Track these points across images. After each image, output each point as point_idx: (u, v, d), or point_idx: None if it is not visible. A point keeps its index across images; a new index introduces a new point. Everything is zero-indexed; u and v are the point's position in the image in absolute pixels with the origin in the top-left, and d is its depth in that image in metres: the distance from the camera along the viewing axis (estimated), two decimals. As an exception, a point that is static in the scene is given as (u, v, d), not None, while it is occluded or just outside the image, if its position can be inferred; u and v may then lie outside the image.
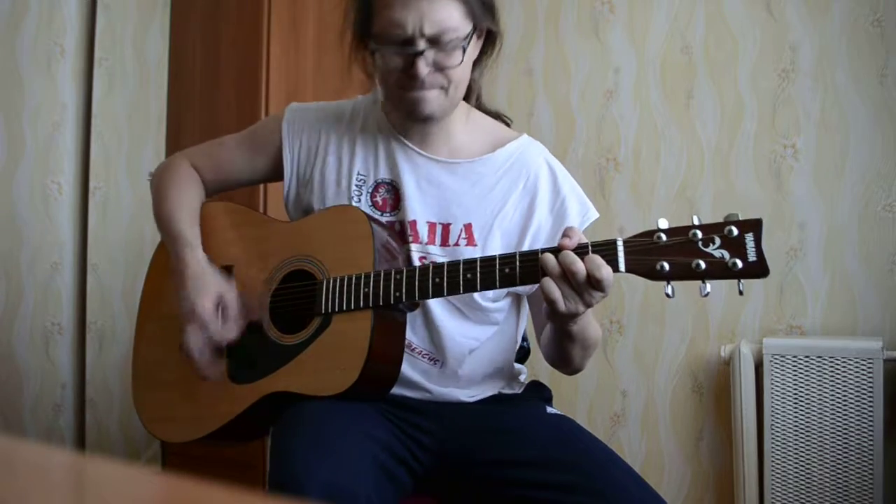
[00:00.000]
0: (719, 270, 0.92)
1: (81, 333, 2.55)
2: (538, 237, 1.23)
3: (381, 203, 1.24)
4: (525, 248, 1.22)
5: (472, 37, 1.15)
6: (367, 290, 1.11)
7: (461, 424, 1.19)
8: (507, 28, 2.46)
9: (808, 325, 2.04)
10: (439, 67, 1.14)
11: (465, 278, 1.06)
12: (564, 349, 1.15)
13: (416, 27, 1.10)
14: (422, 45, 1.11)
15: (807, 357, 1.90)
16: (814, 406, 1.89)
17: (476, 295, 1.20)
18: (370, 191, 1.25)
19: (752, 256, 0.91)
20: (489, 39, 1.23)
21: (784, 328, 2.07)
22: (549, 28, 2.43)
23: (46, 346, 2.47)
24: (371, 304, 1.11)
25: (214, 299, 1.19)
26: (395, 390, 1.18)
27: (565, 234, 1.01)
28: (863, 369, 1.84)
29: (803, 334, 2.04)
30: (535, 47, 2.44)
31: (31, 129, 2.44)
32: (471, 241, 1.21)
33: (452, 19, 1.11)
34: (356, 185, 1.25)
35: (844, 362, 1.86)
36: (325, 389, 1.11)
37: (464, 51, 1.14)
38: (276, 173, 1.35)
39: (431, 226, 1.22)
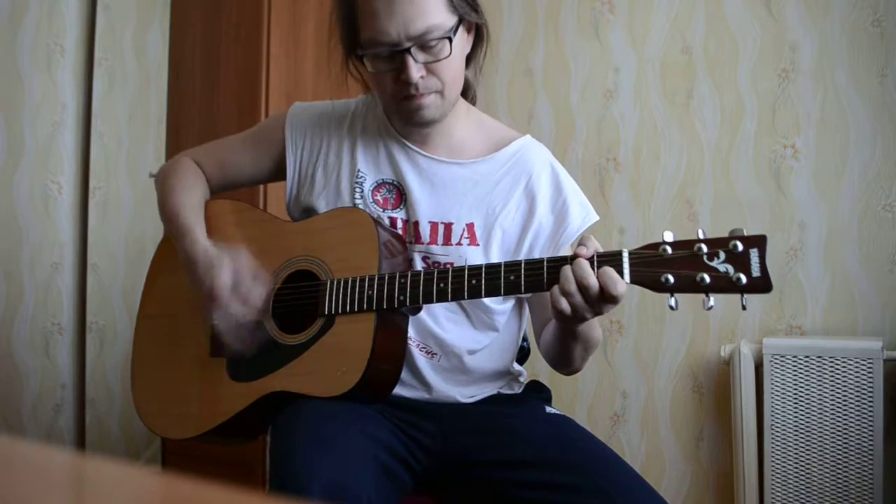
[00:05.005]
0: (723, 285, 0.93)
1: (81, 333, 2.55)
2: (539, 236, 1.23)
3: (382, 201, 1.24)
4: (526, 247, 1.22)
5: (457, 29, 1.14)
6: (370, 292, 1.11)
7: (460, 425, 1.19)
8: (507, 28, 2.47)
9: (808, 325, 2.04)
10: (430, 69, 1.14)
11: (469, 284, 1.06)
12: (567, 348, 1.16)
13: (399, 31, 1.11)
14: (408, 45, 1.11)
15: (807, 357, 1.90)
16: (814, 406, 1.89)
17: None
18: (371, 189, 1.25)
19: (756, 272, 0.92)
20: (478, 35, 1.23)
21: (784, 328, 2.07)
22: (549, 28, 2.43)
23: (46, 346, 2.47)
24: (374, 307, 1.11)
25: (229, 275, 1.16)
26: (395, 390, 1.18)
27: (581, 243, 1.01)
28: (863, 369, 1.84)
29: (803, 334, 2.04)
30: (535, 47, 2.44)
31: (31, 129, 2.43)
32: (473, 241, 1.21)
33: (435, 16, 1.11)
34: (357, 184, 1.25)
35: (844, 362, 1.86)
36: (326, 391, 1.11)
37: (450, 41, 1.13)
38: (279, 173, 1.35)
39: (433, 226, 1.22)
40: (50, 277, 2.48)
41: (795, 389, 1.91)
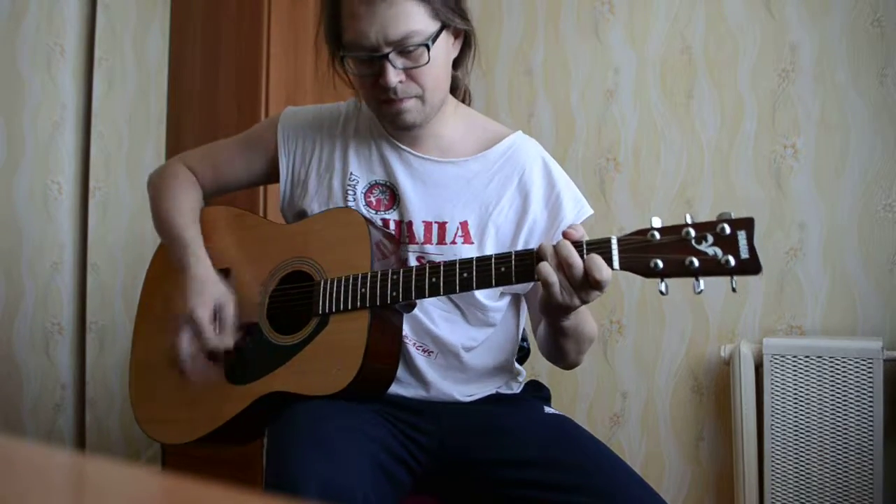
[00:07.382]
0: (712, 267, 0.93)
1: (81, 333, 2.55)
2: (534, 232, 1.23)
3: (374, 203, 1.25)
4: (521, 243, 1.23)
5: (437, 36, 1.14)
6: (363, 290, 1.12)
7: (459, 424, 1.19)
8: (507, 28, 2.47)
9: (808, 325, 2.04)
10: (410, 74, 1.15)
11: (461, 277, 1.07)
12: (559, 344, 1.16)
13: (378, 35, 1.11)
14: (386, 50, 1.12)
15: (807, 357, 1.90)
16: (814, 406, 1.89)
17: (476, 292, 1.20)
18: (364, 191, 1.26)
19: (744, 254, 0.92)
20: (466, 41, 1.24)
21: (784, 328, 2.07)
22: (549, 28, 2.43)
23: (46, 346, 2.47)
24: (368, 305, 1.12)
25: (212, 308, 1.20)
26: (393, 389, 1.19)
27: (570, 227, 1.02)
28: (863, 369, 1.84)
29: (803, 334, 2.04)
30: (535, 47, 2.44)
31: (31, 129, 2.43)
32: (467, 240, 1.21)
33: (415, 22, 1.12)
34: (349, 186, 1.26)
35: (844, 362, 1.86)
36: (322, 389, 1.11)
37: (428, 49, 1.13)
38: (272, 175, 1.36)
39: (427, 225, 1.22)
40: (50, 277, 2.48)
41: (795, 389, 1.91)
